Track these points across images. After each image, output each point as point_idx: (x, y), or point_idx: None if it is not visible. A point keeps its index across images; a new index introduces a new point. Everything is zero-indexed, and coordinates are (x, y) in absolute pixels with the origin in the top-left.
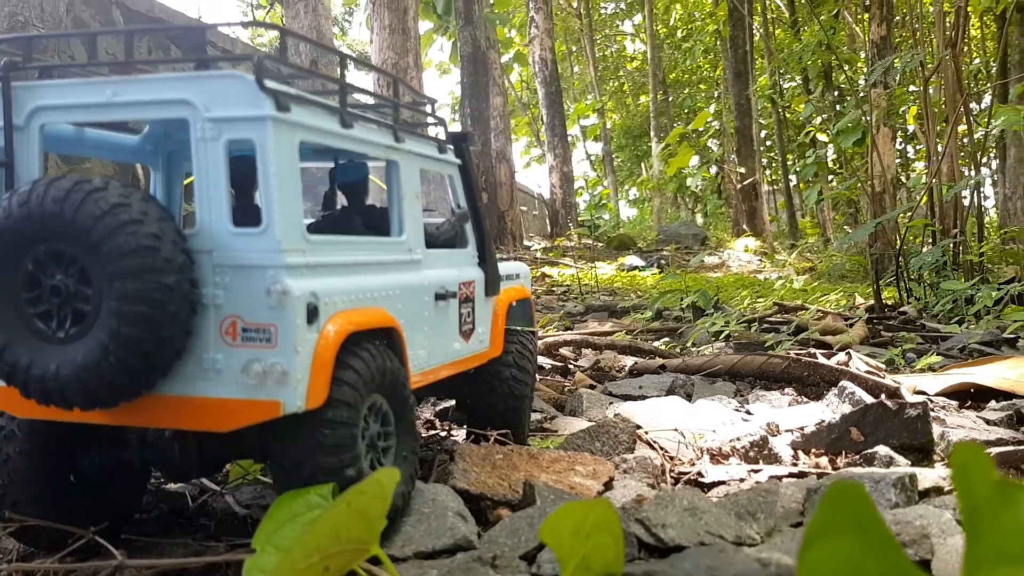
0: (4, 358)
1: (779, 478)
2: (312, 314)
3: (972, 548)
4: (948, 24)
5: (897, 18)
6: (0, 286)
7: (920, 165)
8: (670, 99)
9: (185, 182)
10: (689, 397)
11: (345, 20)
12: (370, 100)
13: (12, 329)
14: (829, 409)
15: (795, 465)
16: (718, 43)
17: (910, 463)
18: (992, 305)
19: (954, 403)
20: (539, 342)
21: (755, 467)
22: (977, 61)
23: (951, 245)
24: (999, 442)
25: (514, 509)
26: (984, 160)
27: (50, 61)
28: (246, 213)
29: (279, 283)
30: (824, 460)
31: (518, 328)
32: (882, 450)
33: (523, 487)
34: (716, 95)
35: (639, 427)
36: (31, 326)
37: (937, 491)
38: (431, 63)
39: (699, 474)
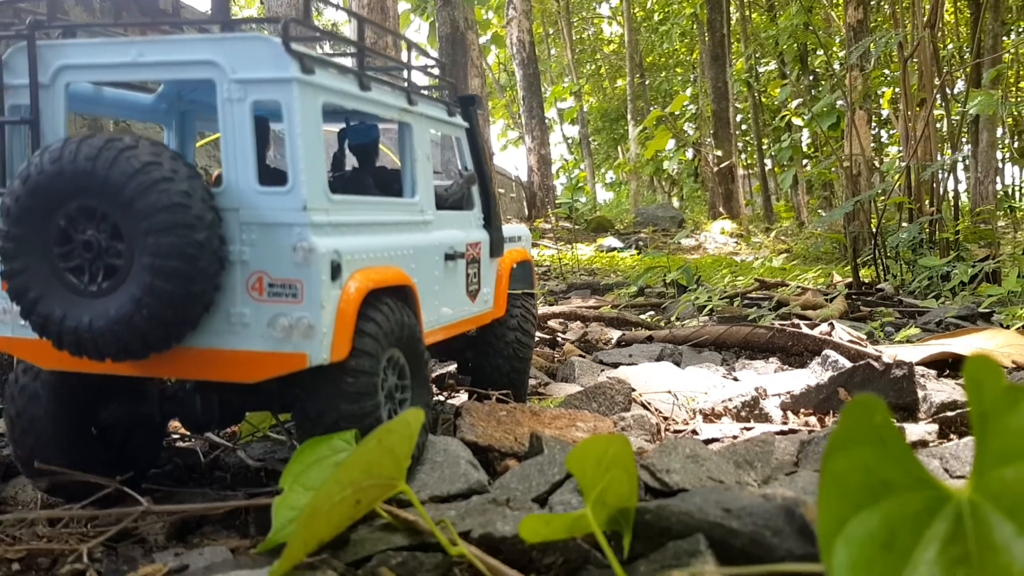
0: (38, 311)
1: (777, 434)
2: (336, 271)
3: (981, 450)
4: (926, 6)
5: (873, 2)
6: (33, 241)
7: (893, 150)
8: (647, 82)
9: (199, 143)
10: (678, 365)
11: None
12: (380, 64)
13: (45, 283)
14: (814, 376)
15: (785, 424)
16: (695, 26)
17: (896, 420)
18: (968, 282)
19: (933, 372)
20: None
21: (747, 425)
22: (951, 46)
23: (928, 223)
24: None
25: (521, 460)
26: (958, 143)
27: (73, 21)
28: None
29: (305, 241)
30: (813, 419)
31: (520, 291)
32: None
33: (530, 439)
34: (693, 79)
35: (633, 389)
36: (64, 280)
37: (923, 444)
38: None
39: (694, 432)
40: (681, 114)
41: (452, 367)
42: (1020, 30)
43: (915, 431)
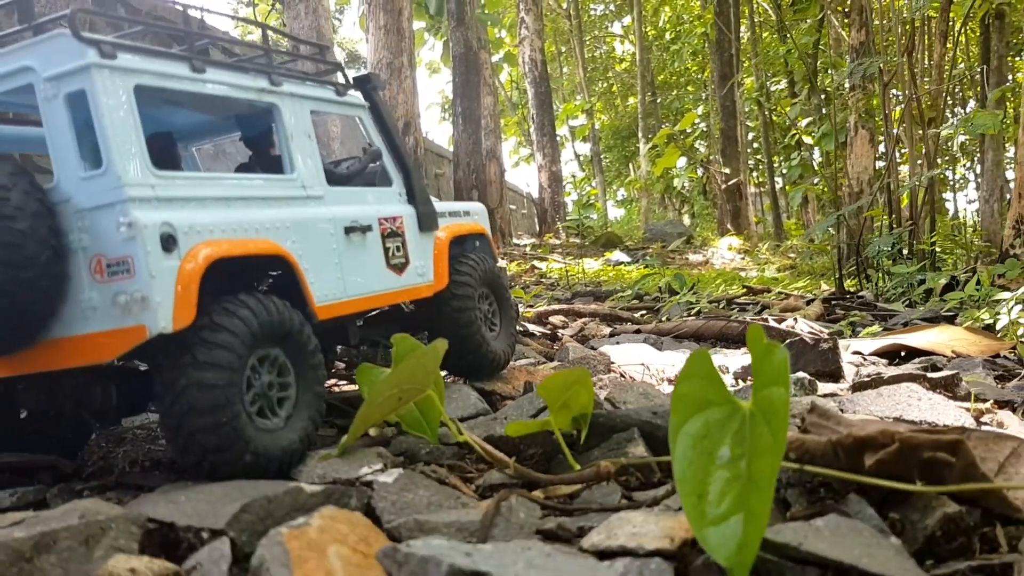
0: None
1: None
2: (168, 242)
3: (756, 380)
4: (904, 34)
5: (877, 22)
6: None
7: (904, 169)
8: (658, 100)
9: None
10: (660, 349)
11: (336, 18)
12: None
13: None
14: None
15: (734, 386)
16: (706, 45)
17: (819, 382)
18: (941, 292)
19: (884, 360)
20: (531, 311)
21: None
22: (962, 66)
23: (906, 234)
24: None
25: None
26: (970, 164)
27: None
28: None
29: (127, 216)
30: None
31: (464, 256)
32: (800, 374)
33: (524, 385)
34: (704, 97)
35: (612, 361)
36: None
37: (833, 395)
38: (422, 61)
39: (665, 382)
40: (692, 132)
41: None
42: None
43: (828, 387)
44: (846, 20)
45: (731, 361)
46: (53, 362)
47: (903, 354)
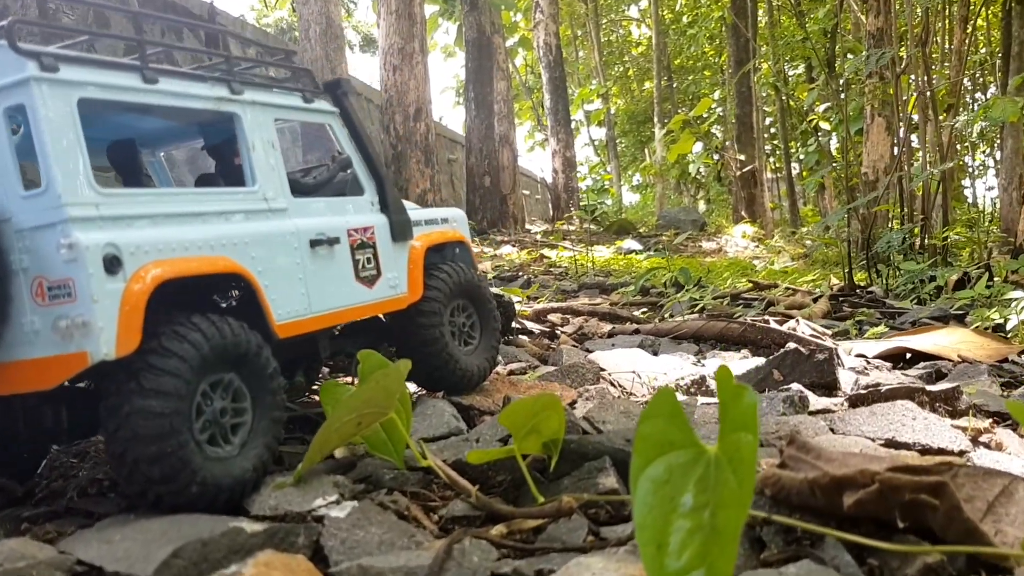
0: None
1: (710, 404)
2: (112, 264)
3: (723, 423)
4: (918, 24)
5: (897, 6)
6: None
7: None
8: (675, 85)
9: None
10: (656, 354)
11: (351, 1)
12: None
13: None
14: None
15: None
16: (723, 30)
17: (816, 396)
18: (953, 288)
19: (888, 364)
20: (529, 309)
21: (691, 399)
22: (984, 50)
23: (918, 229)
24: (898, 384)
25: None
26: (988, 151)
27: None
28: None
29: (68, 236)
30: None
31: (436, 267)
32: (795, 387)
33: (503, 400)
34: (721, 82)
35: (603, 369)
36: None
37: (826, 411)
38: (436, 45)
39: (646, 403)
40: (708, 117)
41: None
42: None
43: (823, 401)
44: (864, 5)
45: (730, 367)
46: None
47: (908, 357)
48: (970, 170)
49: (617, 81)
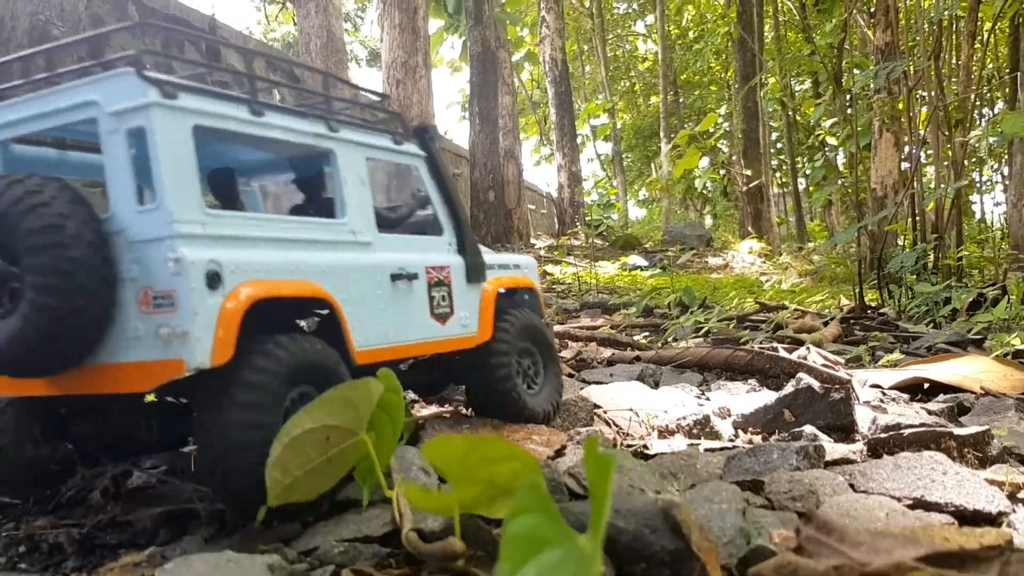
0: None
1: (714, 451)
2: (213, 279)
3: (594, 505)
4: (931, 33)
5: (904, 23)
6: None
7: (931, 170)
8: (681, 100)
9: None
10: (656, 385)
11: (358, 16)
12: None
13: None
14: (763, 398)
15: (732, 441)
16: (729, 45)
17: (832, 440)
18: (967, 309)
19: (905, 396)
20: None
21: (695, 442)
22: (991, 66)
23: (931, 249)
24: (921, 427)
25: None
26: (997, 167)
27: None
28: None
29: (174, 251)
30: (758, 438)
31: (506, 311)
32: (808, 429)
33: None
34: (727, 97)
35: (598, 407)
36: None
37: (845, 461)
38: (442, 60)
39: (644, 447)
40: (714, 132)
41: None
42: None
43: (840, 449)
44: (872, 20)
45: (736, 402)
46: (94, 386)
47: (926, 386)
48: (978, 185)
49: (623, 96)
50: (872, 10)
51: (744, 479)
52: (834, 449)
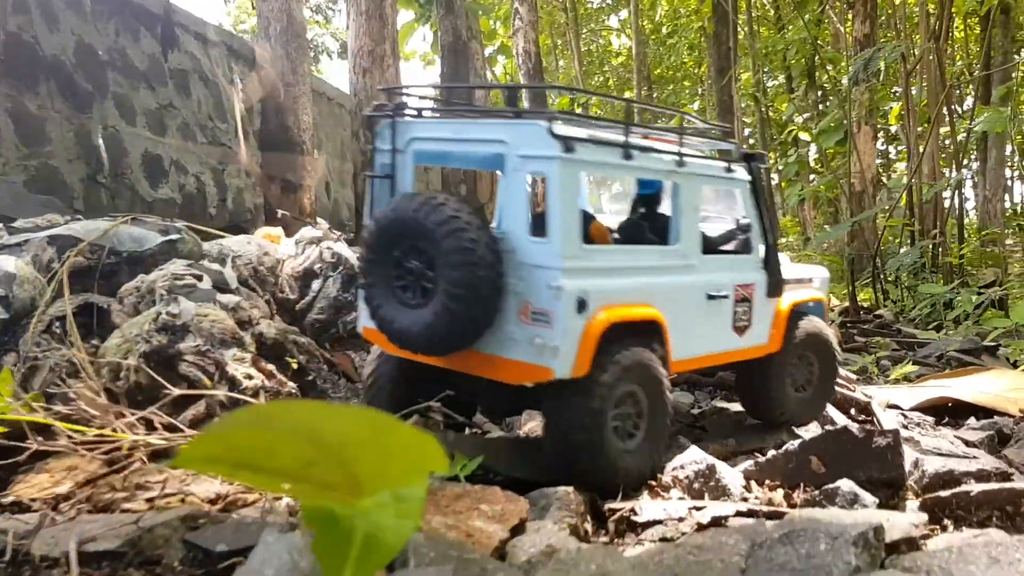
0: (379, 314)
1: (724, 519)
2: (581, 305)
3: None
4: (932, 18)
5: (882, 18)
6: (379, 264)
7: (902, 166)
8: (655, 95)
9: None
10: None
11: (329, 8)
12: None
13: (384, 295)
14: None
15: (744, 500)
16: (703, 40)
17: (877, 501)
18: (972, 310)
19: (930, 419)
20: None
21: (698, 504)
22: (960, 64)
23: (930, 247)
24: (980, 474)
25: (390, 569)
26: (966, 161)
27: (416, 105)
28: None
29: (557, 281)
30: (779, 495)
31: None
32: (845, 485)
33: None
34: (700, 92)
35: None
36: (396, 294)
37: (909, 543)
38: (415, 53)
39: (632, 511)
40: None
41: None
42: None
43: (899, 524)
44: (847, 15)
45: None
46: (480, 369)
47: (949, 405)
48: (948, 181)
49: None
50: (851, 1)
51: None
52: (890, 524)
